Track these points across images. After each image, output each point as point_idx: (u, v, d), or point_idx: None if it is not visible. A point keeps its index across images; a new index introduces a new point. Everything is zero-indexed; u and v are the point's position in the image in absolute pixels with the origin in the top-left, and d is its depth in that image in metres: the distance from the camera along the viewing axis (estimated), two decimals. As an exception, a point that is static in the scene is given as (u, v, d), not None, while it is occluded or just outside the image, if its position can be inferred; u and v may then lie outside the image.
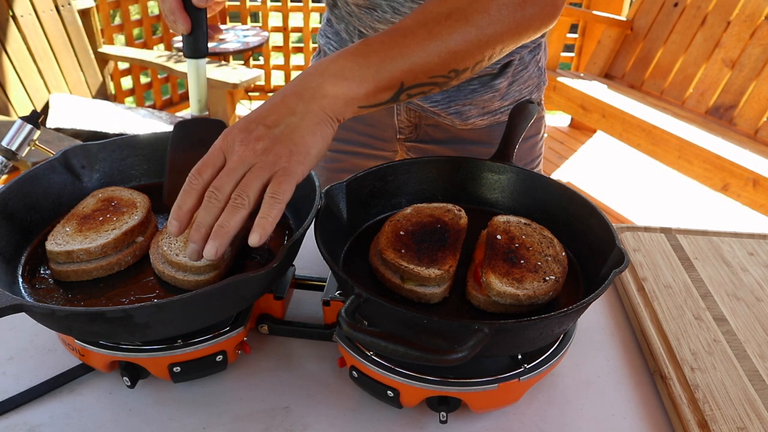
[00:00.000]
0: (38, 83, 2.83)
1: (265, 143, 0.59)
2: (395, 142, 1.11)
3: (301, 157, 0.60)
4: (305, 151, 0.60)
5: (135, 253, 0.70)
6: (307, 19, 4.07)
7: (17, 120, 0.81)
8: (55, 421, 0.65)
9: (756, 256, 0.93)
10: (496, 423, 0.67)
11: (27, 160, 1.55)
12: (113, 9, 3.59)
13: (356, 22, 0.96)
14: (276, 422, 0.66)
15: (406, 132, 1.08)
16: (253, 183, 0.58)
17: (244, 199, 0.58)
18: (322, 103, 0.61)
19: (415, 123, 1.07)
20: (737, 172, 2.55)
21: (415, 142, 1.09)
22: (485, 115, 1.03)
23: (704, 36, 3.12)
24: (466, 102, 1.00)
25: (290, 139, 0.60)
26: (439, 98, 1.00)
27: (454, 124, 1.03)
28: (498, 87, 1.00)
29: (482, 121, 1.03)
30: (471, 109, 1.01)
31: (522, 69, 1.02)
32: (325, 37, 1.08)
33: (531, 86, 1.06)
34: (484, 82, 0.99)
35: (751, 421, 0.66)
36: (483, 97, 1.00)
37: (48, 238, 0.69)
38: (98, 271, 0.68)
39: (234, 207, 0.58)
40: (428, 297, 0.66)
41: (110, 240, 0.68)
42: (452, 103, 1.00)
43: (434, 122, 1.06)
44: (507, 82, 1.01)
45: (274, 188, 0.58)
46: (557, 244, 0.72)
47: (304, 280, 0.79)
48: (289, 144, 0.59)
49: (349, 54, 0.63)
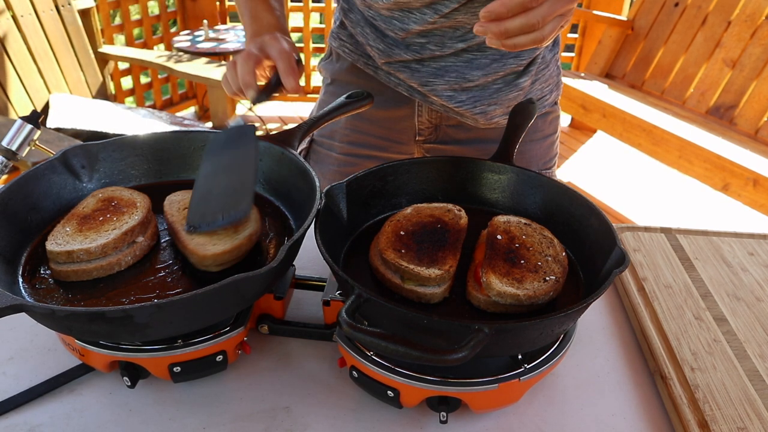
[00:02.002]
0: (38, 83, 2.83)
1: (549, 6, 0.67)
2: (413, 145, 1.10)
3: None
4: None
5: (135, 253, 0.70)
6: (307, 19, 4.06)
7: (17, 120, 0.81)
8: (55, 421, 0.65)
9: (756, 256, 0.93)
10: (496, 423, 0.67)
11: (27, 160, 1.54)
12: (113, 9, 3.59)
13: (383, 26, 0.96)
14: (276, 422, 0.66)
15: (425, 133, 1.08)
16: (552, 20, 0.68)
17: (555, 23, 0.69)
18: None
19: (436, 124, 1.07)
20: (737, 172, 2.55)
21: (434, 143, 1.09)
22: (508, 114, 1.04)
23: (705, 36, 3.12)
24: (491, 102, 1.00)
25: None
26: (464, 98, 1.00)
27: (478, 124, 1.03)
28: (522, 85, 1.00)
29: (505, 120, 1.03)
30: (496, 108, 1.01)
31: (544, 67, 1.03)
32: (338, 40, 1.07)
33: (551, 84, 1.06)
34: (508, 81, 1.00)
35: (751, 421, 0.66)
36: (508, 96, 1.00)
37: (48, 238, 0.69)
38: (98, 271, 0.68)
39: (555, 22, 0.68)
40: (428, 297, 0.66)
41: (110, 240, 0.68)
42: (477, 103, 1.00)
43: (456, 122, 1.05)
44: (530, 81, 1.01)
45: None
46: (557, 244, 0.72)
47: (304, 280, 0.79)
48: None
49: None
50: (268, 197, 0.82)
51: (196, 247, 0.68)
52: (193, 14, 3.98)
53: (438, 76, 0.98)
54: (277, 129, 4.05)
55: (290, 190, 0.79)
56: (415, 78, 0.99)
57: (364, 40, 1.01)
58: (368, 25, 0.99)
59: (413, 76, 0.99)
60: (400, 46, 0.97)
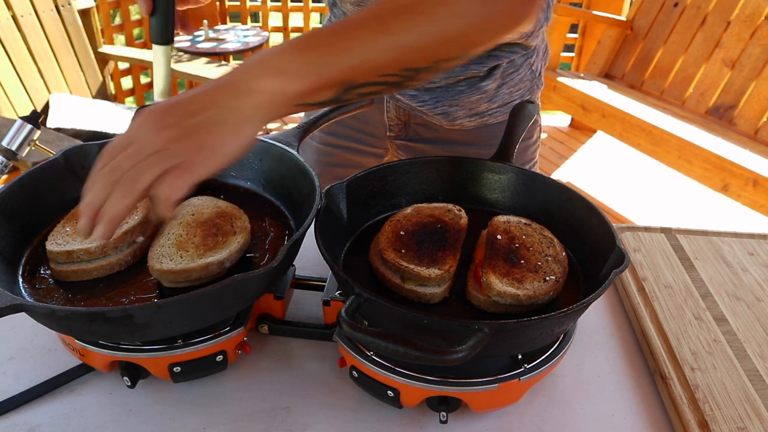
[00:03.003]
0: (38, 83, 2.83)
1: (175, 132, 0.54)
2: (385, 140, 1.11)
3: (209, 154, 0.54)
4: (218, 150, 0.55)
5: (135, 253, 0.70)
6: (307, 19, 4.06)
7: (17, 120, 0.81)
8: (55, 421, 0.65)
9: (756, 256, 0.93)
10: (496, 423, 0.67)
11: (27, 160, 1.54)
12: (113, 9, 3.59)
13: None
14: (276, 422, 0.66)
15: (395, 129, 1.08)
16: (145, 171, 0.53)
17: (134, 184, 0.53)
18: (253, 99, 0.55)
19: (405, 121, 1.07)
20: (737, 172, 2.55)
21: (404, 140, 1.09)
22: (473, 117, 1.02)
23: (704, 36, 3.12)
24: (452, 103, 1.00)
25: (206, 133, 0.54)
26: (427, 98, 1.00)
27: (442, 124, 1.03)
28: (485, 89, 0.99)
29: (470, 123, 1.03)
30: (458, 110, 1.01)
31: (513, 71, 1.01)
32: None
33: (522, 89, 1.04)
34: (471, 84, 0.98)
35: (751, 421, 0.66)
36: (470, 99, 0.99)
37: (48, 238, 0.69)
38: (98, 271, 0.68)
39: (121, 193, 0.53)
40: (428, 297, 0.66)
41: (110, 240, 0.68)
42: (439, 104, 1.00)
43: (423, 121, 1.05)
44: (495, 84, 1.00)
45: (170, 181, 0.53)
46: (557, 244, 0.72)
47: (304, 280, 0.79)
48: (201, 138, 0.54)
49: (293, 46, 0.58)
50: (268, 197, 0.82)
51: (151, 255, 0.67)
52: (193, 14, 3.98)
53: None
54: (277, 129, 4.06)
55: (290, 190, 0.79)
56: None
57: None
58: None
59: None
60: None
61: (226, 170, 0.84)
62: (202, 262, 0.65)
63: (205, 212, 0.72)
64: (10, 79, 2.70)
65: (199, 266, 0.65)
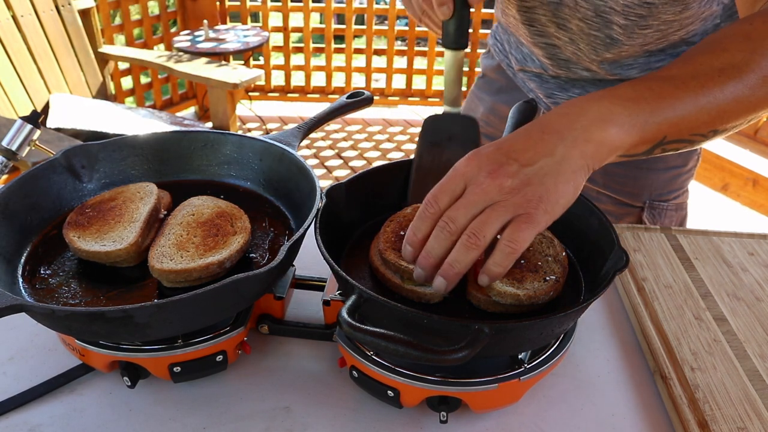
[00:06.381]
0: (38, 83, 2.83)
1: (514, 182, 0.54)
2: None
3: (549, 206, 0.54)
4: (555, 200, 0.54)
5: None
6: (307, 19, 4.06)
7: (17, 120, 0.81)
8: (55, 421, 0.65)
9: (756, 256, 0.93)
10: (496, 423, 0.67)
11: (27, 160, 1.54)
12: (113, 9, 3.59)
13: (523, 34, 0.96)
14: (276, 422, 0.66)
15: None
16: (492, 223, 0.53)
17: (479, 239, 0.54)
18: (584, 148, 0.55)
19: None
20: (737, 172, 2.55)
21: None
22: None
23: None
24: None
25: (542, 184, 0.54)
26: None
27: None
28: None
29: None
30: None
31: None
32: (494, 38, 1.13)
33: None
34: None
35: (752, 421, 0.66)
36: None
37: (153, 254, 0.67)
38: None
39: (467, 246, 0.54)
40: (428, 297, 0.66)
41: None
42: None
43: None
44: None
45: (513, 234, 0.53)
46: (557, 244, 0.72)
47: (304, 280, 0.79)
48: (540, 188, 0.54)
49: (615, 97, 0.58)
50: (268, 197, 0.82)
51: (151, 255, 0.67)
52: (193, 14, 3.98)
53: (563, 90, 1.00)
54: (277, 129, 4.06)
55: (290, 190, 0.79)
56: (543, 89, 1.02)
57: (508, 45, 1.05)
58: (509, 32, 1.03)
59: (541, 86, 1.02)
60: (533, 57, 1.00)
61: (226, 170, 0.85)
62: (202, 262, 0.65)
63: (205, 212, 0.73)
64: (10, 79, 2.70)
65: (200, 266, 0.65)
